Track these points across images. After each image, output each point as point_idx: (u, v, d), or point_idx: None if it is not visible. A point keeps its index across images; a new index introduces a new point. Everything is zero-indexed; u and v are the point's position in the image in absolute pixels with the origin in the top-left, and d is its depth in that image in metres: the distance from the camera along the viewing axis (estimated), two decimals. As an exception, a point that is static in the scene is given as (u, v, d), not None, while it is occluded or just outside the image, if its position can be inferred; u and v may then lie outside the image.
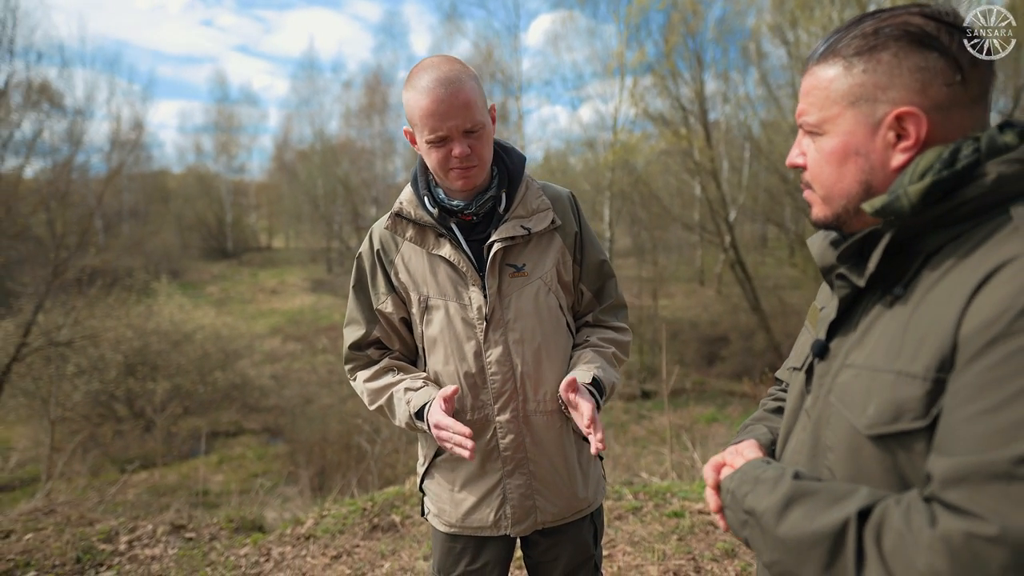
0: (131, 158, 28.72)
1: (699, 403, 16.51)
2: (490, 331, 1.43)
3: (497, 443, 1.47)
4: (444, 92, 1.29)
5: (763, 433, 1.07)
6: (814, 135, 0.86)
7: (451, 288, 1.44)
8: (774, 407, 1.17)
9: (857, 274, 0.83)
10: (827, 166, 0.85)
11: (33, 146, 16.04)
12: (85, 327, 15.82)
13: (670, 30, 18.92)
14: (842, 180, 0.84)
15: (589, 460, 1.58)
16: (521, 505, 1.48)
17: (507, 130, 23.96)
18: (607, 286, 1.59)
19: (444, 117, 1.30)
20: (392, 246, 1.49)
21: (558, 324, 1.49)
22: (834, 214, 0.87)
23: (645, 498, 3.68)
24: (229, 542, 3.34)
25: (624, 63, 20.15)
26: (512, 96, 22.88)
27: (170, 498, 9.12)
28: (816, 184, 0.88)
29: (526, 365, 1.44)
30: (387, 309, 1.51)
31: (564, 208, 1.52)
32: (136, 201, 33.71)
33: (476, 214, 1.44)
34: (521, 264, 1.45)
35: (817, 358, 0.91)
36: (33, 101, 16.37)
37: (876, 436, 0.75)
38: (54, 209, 15.99)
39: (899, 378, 0.73)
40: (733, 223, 19.66)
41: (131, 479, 13.02)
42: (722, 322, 20.08)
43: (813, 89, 0.85)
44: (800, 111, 0.88)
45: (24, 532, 3.23)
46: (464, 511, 1.51)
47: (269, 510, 6.49)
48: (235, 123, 37.69)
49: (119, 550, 3.19)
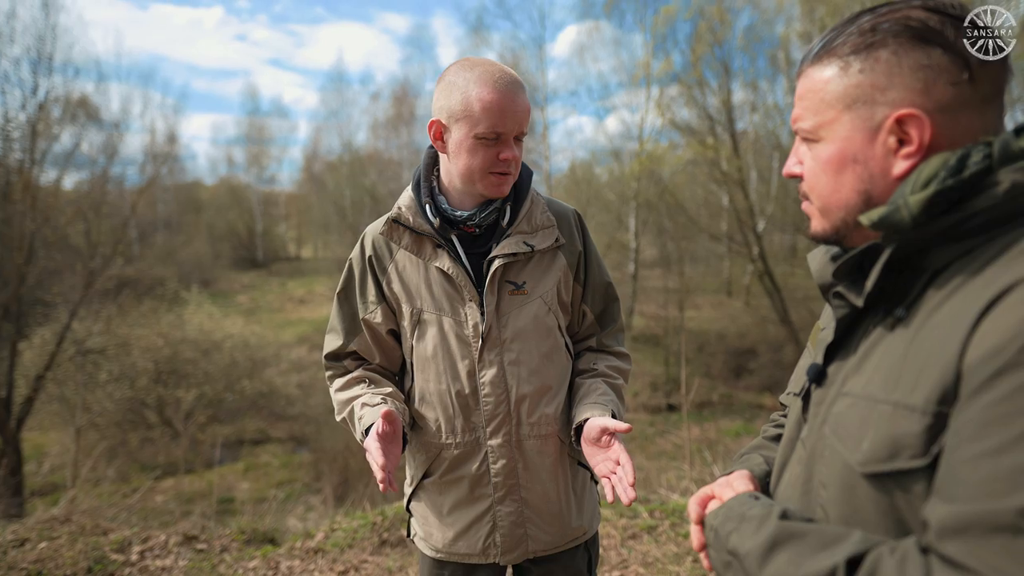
0: (165, 170, 29.43)
1: (726, 416, 16.24)
2: (485, 350, 1.36)
3: (488, 468, 1.40)
4: (514, 92, 1.26)
5: (758, 464, 0.98)
6: (810, 142, 0.80)
7: (446, 302, 1.38)
8: (773, 434, 1.09)
9: (855, 293, 0.75)
10: (823, 175, 0.78)
11: (71, 158, 16.47)
12: (117, 335, 16.17)
13: (697, 39, 18.80)
14: (839, 190, 0.77)
15: (584, 486, 1.51)
16: (511, 533, 1.42)
17: (533, 140, 23.98)
18: (611, 309, 1.53)
19: (508, 115, 1.25)
20: (386, 253, 1.42)
21: (556, 346, 1.43)
22: (832, 227, 0.80)
23: (661, 516, 3.58)
24: (239, 554, 3.32)
25: (650, 73, 20.07)
26: (537, 107, 22.90)
27: (195, 505, 9.22)
28: (813, 195, 0.81)
29: (521, 388, 1.37)
30: (375, 320, 1.44)
31: (569, 226, 1.46)
32: (170, 212, 34.48)
33: (479, 226, 1.38)
34: (521, 282, 1.39)
35: (814, 384, 0.83)
36: (72, 115, 16.83)
37: (871, 474, 0.67)
38: (91, 220, 16.42)
39: (897, 410, 0.66)
40: (761, 234, 19.35)
41: (159, 485, 13.22)
42: (750, 334, 19.74)
43: (808, 92, 0.79)
44: (795, 116, 0.81)
45: (39, 540, 3.25)
46: (452, 537, 1.44)
47: (292, 518, 6.51)
48: (266, 135, 38.40)
49: (130, 560, 3.19)
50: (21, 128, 14.35)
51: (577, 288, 1.46)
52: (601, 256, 1.54)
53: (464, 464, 1.40)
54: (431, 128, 1.33)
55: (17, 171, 14.23)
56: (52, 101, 15.07)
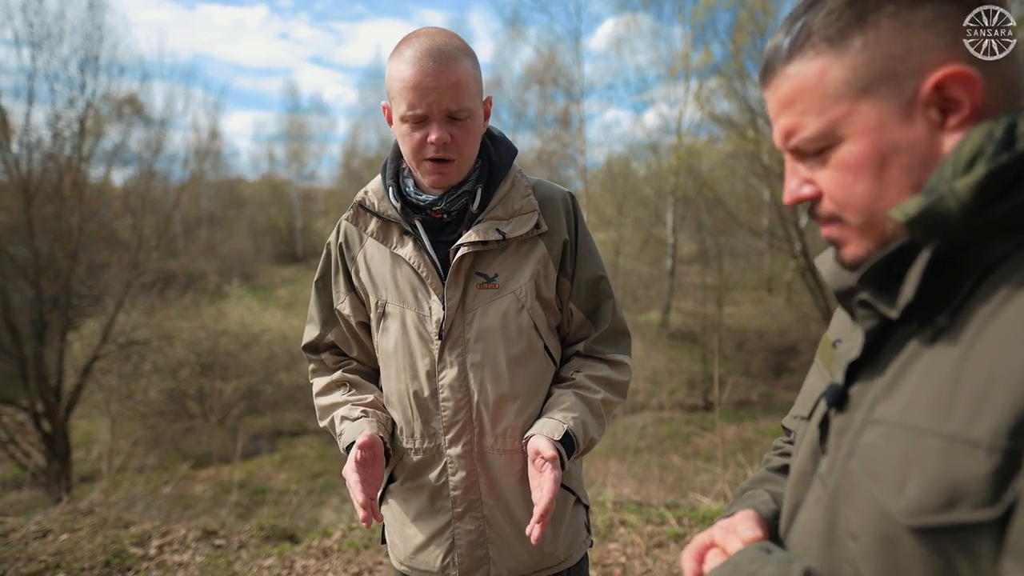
0: (208, 166, 30.08)
1: (765, 416, 15.83)
2: (446, 349, 1.23)
3: (447, 480, 1.27)
4: (432, 64, 1.11)
5: (764, 502, 0.83)
6: (825, 149, 0.64)
7: (411, 295, 1.26)
8: (779, 465, 0.94)
9: (886, 301, 0.62)
10: (858, 182, 0.62)
11: (118, 155, 16.93)
12: (161, 327, 16.60)
13: (738, 29, 18.32)
14: (886, 193, 0.61)
15: (564, 509, 1.33)
16: (471, 554, 1.29)
17: (568, 135, 23.77)
18: (603, 308, 1.34)
19: (426, 91, 1.11)
20: (356, 241, 1.33)
21: (530, 349, 1.26)
22: (881, 242, 0.64)
23: (690, 524, 3.43)
24: (256, 551, 3.29)
25: (689, 65, 19.66)
26: (574, 101, 22.66)
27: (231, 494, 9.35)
28: (848, 211, 0.64)
29: (484, 394, 1.24)
30: (345, 311, 1.35)
31: (556, 211, 1.28)
32: (213, 207, 35.28)
33: (447, 212, 1.24)
34: (493, 274, 1.24)
35: (833, 408, 0.68)
36: (119, 112, 17.30)
37: (920, 528, 0.53)
38: (137, 215, 16.88)
39: (952, 446, 0.52)
40: (804, 229, 18.78)
41: (198, 474, 13.53)
42: (791, 332, 19.21)
43: (799, 92, 0.64)
44: (787, 129, 0.66)
45: (61, 532, 3.27)
46: (413, 549, 1.33)
47: (327, 509, 6.52)
48: (306, 132, 38.96)
49: (148, 555, 3.18)
50: (70, 125, 14.79)
51: (564, 283, 1.29)
52: (596, 246, 1.36)
53: (423, 472, 1.29)
54: (384, 111, 1.23)
55: (67, 167, 14.68)
56: (100, 99, 15.50)
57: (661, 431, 14.43)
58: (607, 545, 3.17)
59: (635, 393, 17.30)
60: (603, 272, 1.33)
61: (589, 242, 1.33)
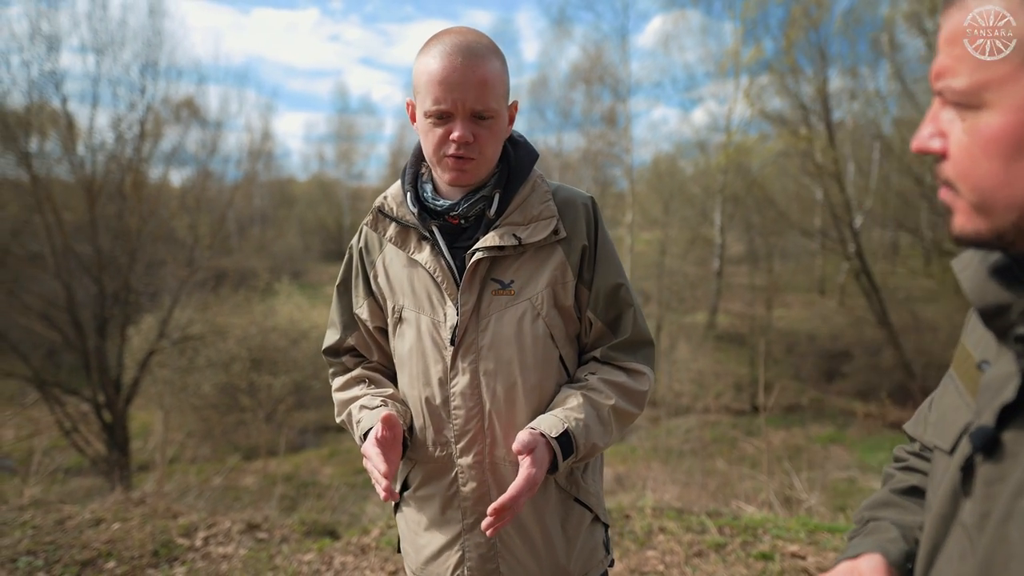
0: (261, 166, 30.91)
1: (816, 421, 15.38)
2: (458, 356, 1.21)
3: (458, 490, 1.25)
4: (460, 60, 1.10)
5: (892, 540, 0.73)
6: (964, 108, 0.56)
7: (427, 301, 1.24)
8: (904, 487, 0.82)
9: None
10: (985, 159, 0.55)
11: (175, 155, 17.54)
12: (214, 323, 17.14)
13: (791, 24, 17.83)
14: (1013, 183, 0.54)
15: (580, 524, 1.29)
16: (481, 567, 1.25)
17: (615, 134, 23.55)
18: (624, 317, 1.27)
19: (452, 87, 1.10)
20: (375, 246, 1.32)
21: (545, 358, 1.22)
22: (993, 230, 0.57)
23: (732, 533, 3.34)
24: (297, 546, 3.35)
25: (739, 61, 19.24)
26: (620, 100, 22.43)
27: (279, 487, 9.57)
28: (964, 184, 0.57)
29: (496, 403, 1.20)
30: (363, 315, 1.34)
31: (575, 217, 1.25)
32: (265, 206, 36.26)
33: (464, 217, 1.22)
34: (509, 280, 1.21)
35: (980, 453, 0.59)
36: (177, 115, 17.93)
37: None
38: (193, 213, 17.48)
39: None
40: (859, 229, 18.16)
41: (249, 466, 13.92)
42: (844, 335, 18.61)
43: (965, 33, 0.55)
44: (941, 69, 0.57)
45: (113, 521, 3.40)
46: (424, 558, 1.31)
47: (370, 504, 6.62)
48: (355, 132, 39.72)
49: (195, 546, 3.28)
50: (131, 128, 15.40)
51: (583, 291, 1.25)
52: (616, 253, 1.31)
53: (435, 481, 1.27)
54: (408, 108, 1.23)
55: (128, 168, 15.29)
56: (159, 102, 16.09)
57: (706, 435, 14.17)
58: (645, 552, 3.12)
59: (680, 395, 17.04)
60: (623, 280, 1.28)
61: (609, 249, 1.29)
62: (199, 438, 15.68)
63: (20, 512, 3.48)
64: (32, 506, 3.60)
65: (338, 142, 39.66)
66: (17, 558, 2.91)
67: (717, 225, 20.02)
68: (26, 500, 3.74)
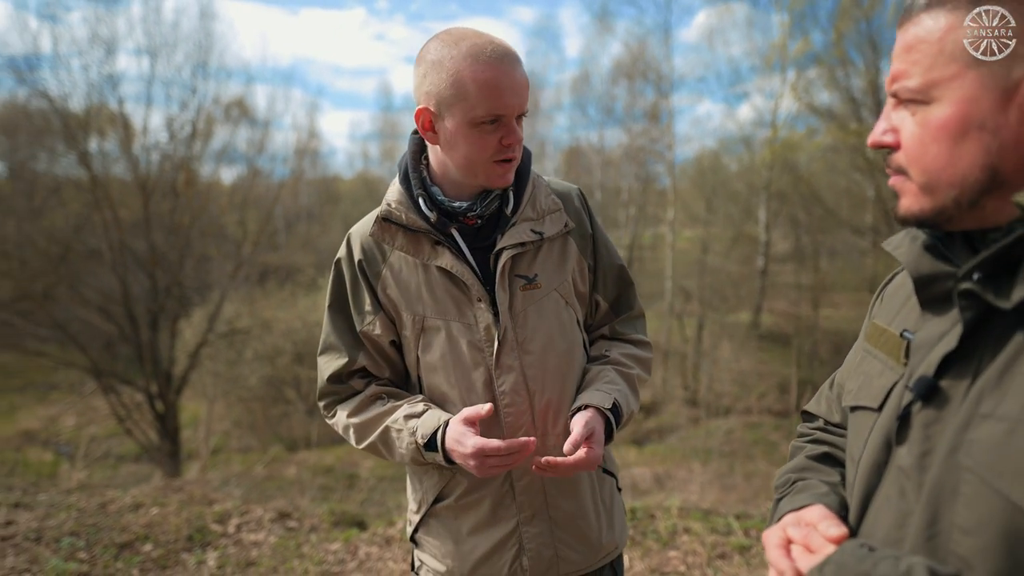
0: (307, 164, 31.63)
1: (863, 426, 14.93)
2: (502, 355, 1.21)
3: (512, 486, 1.26)
4: (509, 64, 1.12)
5: (825, 494, 0.81)
6: (916, 104, 0.67)
7: (452, 306, 1.22)
8: (818, 453, 0.92)
9: (994, 292, 0.62)
10: (934, 144, 0.65)
11: (225, 154, 18.08)
12: (261, 317, 17.63)
13: (841, 15, 17.26)
14: (956, 163, 0.65)
15: (612, 497, 1.37)
16: (540, 556, 1.27)
17: (657, 130, 23.25)
18: (625, 295, 1.39)
19: (507, 93, 1.11)
20: (377, 256, 1.26)
21: (576, 342, 1.30)
22: (936, 207, 0.68)
23: (758, 535, 3.28)
24: (325, 535, 3.44)
25: (786, 55, 18.76)
26: (663, 96, 22.13)
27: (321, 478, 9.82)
28: (914, 168, 0.68)
29: (545, 393, 1.24)
30: (375, 332, 1.27)
31: (575, 208, 1.32)
32: (311, 204, 37.05)
33: (480, 216, 1.23)
34: (533, 275, 1.24)
35: (921, 401, 0.68)
36: (228, 115, 18.48)
37: None
38: (242, 210, 18.01)
39: None
40: (912, 227, 17.50)
41: (293, 457, 14.28)
42: (895, 337, 17.98)
43: (920, 43, 0.66)
44: (896, 73, 0.68)
45: (152, 506, 3.55)
46: (473, 563, 1.28)
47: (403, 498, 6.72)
48: (398, 131, 40.09)
49: (228, 532, 3.39)
50: (183, 127, 15.94)
51: (590, 276, 1.34)
52: (608, 236, 1.38)
53: (485, 484, 1.26)
54: (419, 117, 1.18)
55: (180, 167, 15.84)
56: (210, 102, 16.61)
57: (747, 436, 13.90)
58: (667, 553, 3.09)
59: (721, 396, 16.76)
60: (622, 261, 1.37)
61: (605, 234, 1.36)
62: (245, 429, 16.15)
63: (67, 495, 3.66)
64: (78, 490, 3.78)
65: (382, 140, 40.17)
66: (61, 538, 3.07)
67: (762, 222, 19.58)
68: (73, 484, 3.93)
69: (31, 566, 2.83)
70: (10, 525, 3.19)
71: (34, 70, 14.49)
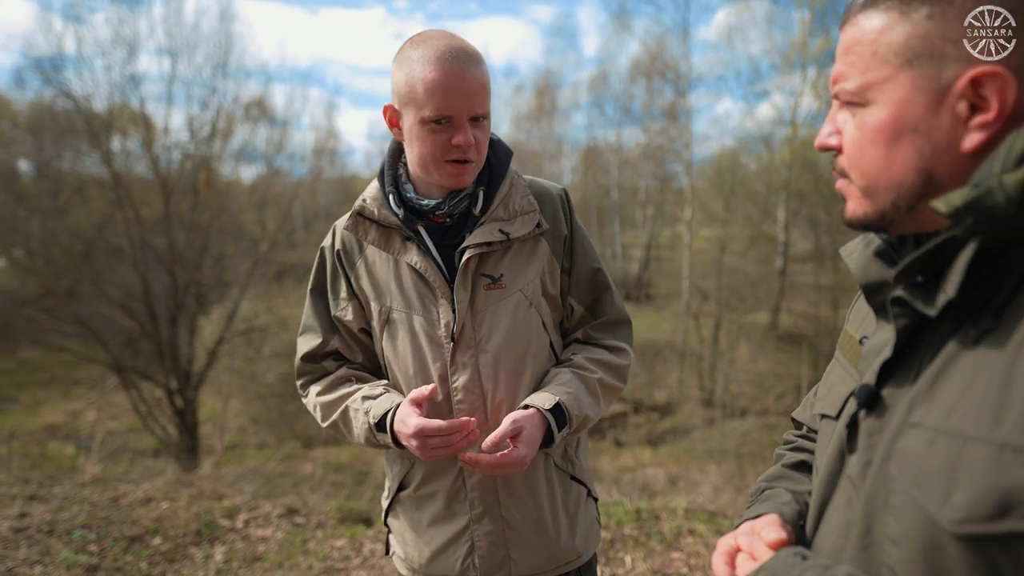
0: (326, 163, 31.89)
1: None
2: (458, 352, 1.24)
3: (464, 483, 1.28)
4: (460, 66, 1.13)
5: (786, 503, 0.82)
6: (854, 106, 0.66)
7: (417, 300, 1.26)
8: (795, 461, 0.93)
9: (923, 299, 0.61)
10: (871, 148, 0.64)
11: (244, 154, 18.28)
12: (279, 315, 17.80)
13: (862, 12, 17.05)
14: (891, 167, 0.63)
15: (578, 504, 1.36)
16: (491, 555, 1.29)
17: (675, 129, 23.10)
18: (602, 299, 1.35)
19: (455, 94, 1.13)
20: (355, 248, 1.33)
21: (539, 345, 1.28)
22: (877, 211, 0.66)
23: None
24: (331, 532, 3.47)
25: (807, 52, 18.54)
26: (681, 94, 21.98)
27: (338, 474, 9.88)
28: (855, 171, 0.67)
29: (497, 393, 1.25)
30: (347, 317, 1.34)
31: (554, 209, 1.31)
32: (330, 203, 37.35)
33: (449, 215, 1.25)
34: (498, 275, 1.25)
35: (864, 409, 0.68)
36: (248, 114, 18.68)
37: (968, 536, 0.53)
38: (261, 209, 18.20)
39: (1004, 453, 0.51)
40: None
41: (310, 454, 14.42)
42: (916, 339, 17.71)
43: (855, 44, 0.65)
44: (836, 75, 0.68)
45: (162, 500, 3.60)
46: (429, 555, 1.33)
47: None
48: (417, 130, 40.33)
49: (236, 527, 3.44)
50: (203, 127, 16.15)
51: (564, 278, 1.31)
52: (591, 240, 1.36)
53: (438, 477, 1.30)
54: (385, 114, 1.24)
55: (200, 166, 16.05)
56: (230, 102, 16.81)
57: (763, 438, 13.78)
58: (671, 554, 3.08)
59: (738, 397, 16.63)
60: (599, 264, 1.35)
61: (584, 236, 1.35)
62: (262, 425, 16.32)
63: (81, 488, 3.73)
64: (92, 483, 3.85)
65: (399, 139, 40.39)
66: (73, 531, 3.13)
67: (781, 222, 19.38)
68: (88, 478, 4.00)
69: (43, 558, 2.89)
70: (24, 517, 3.26)
71: (59, 71, 14.80)
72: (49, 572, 2.78)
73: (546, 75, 31.11)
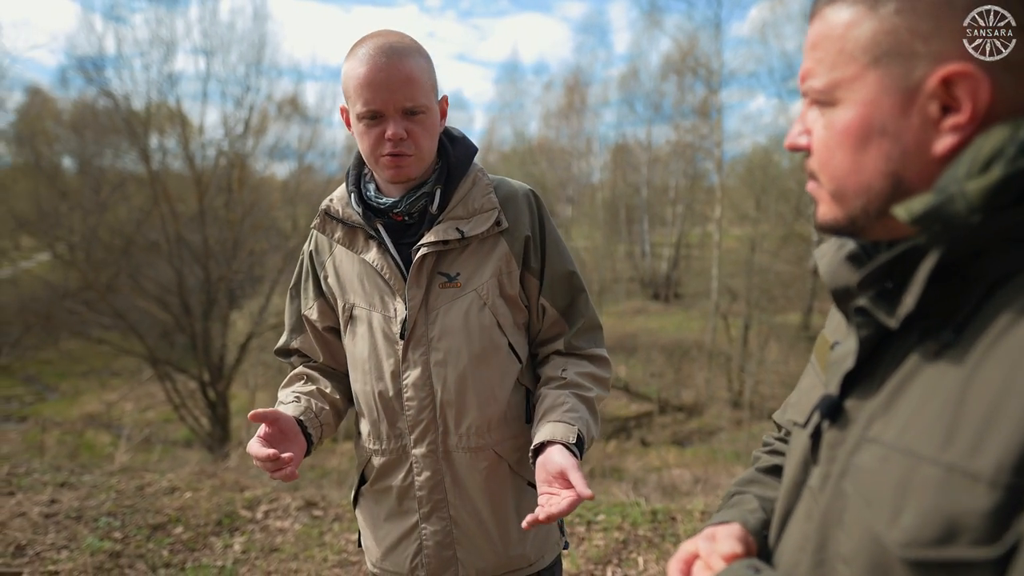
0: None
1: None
2: (409, 349, 1.25)
3: (413, 480, 1.29)
4: (385, 61, 1.14)
5: (752, 511, 0.80)
6: (822, 105, 0.62)
7: (377, 298, 1.28)
8: (768, 464, 0.90)
9: (885, 309, 0.58)
10: (838, 150, 0.61)
11: (277, 150, 18.59)
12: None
13: (901, 6, 16.62)
14: (859, 171, 0.60)
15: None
16: (438, 555, 1.29)
17: (707, 126, 22.83)
18: (577, 303, 1.34)
19: (380, 88, 1.14)
20: (326, 247, 1.36)
21: (492, 346, 1.27)
22: (847, 216, 0.63)
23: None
24: (347, 525, 3.51)
25: (843, 47, 18.18)
26: (712, 91, 21.70)
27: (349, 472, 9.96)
28: (824, 174, 0.63)
29: (447, 392, 1.25)
30: (312, 316, 1.37)
31: (517, 209, 1.29)
32: (360, 199, 37.84)
33: (408, 213, 1.26)
34: (455, 273, 1.25)
35: (827, 420, 0.65)
36: (281, 112, 18.99)
37: (914, 561, 0.50)
38: (293, 205, 18.50)
39: (952, 476, 0.49)
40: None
41: (337, 448, 14.65)
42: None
43: (822, 40, 0.61)
44: (804, 71, 0.64)
45: (186, 490, 3.69)
46: (383, 550, 1.35)
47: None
48: (446, 127, 40.53)
49: (256, 518, 3.51)
50: (237, 124, 16.47)
51: (531, 279, 1.30)
52: (564, 243, 1.35)
53: (390, 474, 1.31)
54: (342, 115, 1.26)
55: (234, 163, 16.37)
56: (264, 100, 17.12)
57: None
58: (684, 556, 3.05)
59: (767, 399, 16.38)
60: (573, 267, 1.34)
61: (556, 238, 1.33)
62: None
63: (109, 477, 3.84)
64: (120, 472, 3.97)
65: (430, 136, 40.61)
66: (99, 518, 3.23)
67: (814, 221, 19.05)
68: (116, 466, 4.12)
69: (69, 543, 2.99)
70: (54, 504, 3.38)
71: (100, 70, 15.22)
72: (75, 557, 2.87)
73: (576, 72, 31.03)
